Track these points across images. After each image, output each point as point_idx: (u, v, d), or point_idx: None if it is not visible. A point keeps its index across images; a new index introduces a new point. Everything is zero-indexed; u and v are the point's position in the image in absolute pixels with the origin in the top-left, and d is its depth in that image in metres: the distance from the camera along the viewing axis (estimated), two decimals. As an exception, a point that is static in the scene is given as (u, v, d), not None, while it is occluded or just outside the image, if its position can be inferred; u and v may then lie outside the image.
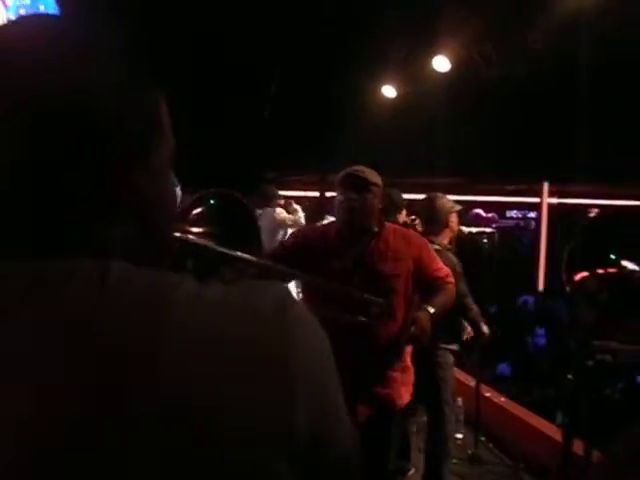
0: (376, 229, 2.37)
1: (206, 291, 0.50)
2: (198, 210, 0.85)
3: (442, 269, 2.43)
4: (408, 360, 2.42)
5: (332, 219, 5.72)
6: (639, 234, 0.94)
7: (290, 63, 8.09)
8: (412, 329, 2.17)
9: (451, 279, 2.43)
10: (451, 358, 3.26)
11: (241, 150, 9.00)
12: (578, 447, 2.64)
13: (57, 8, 5.37)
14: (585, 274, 0.94)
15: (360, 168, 2.34)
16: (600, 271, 0.93)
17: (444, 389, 3.21)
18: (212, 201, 0.86)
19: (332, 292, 2.13)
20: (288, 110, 8.56)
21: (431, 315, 2.21)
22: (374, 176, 2.34)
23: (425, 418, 3.57)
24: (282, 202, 5.83)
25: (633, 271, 0.90)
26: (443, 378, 3.21)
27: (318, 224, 4.29)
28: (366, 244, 2.35)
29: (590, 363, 1.46)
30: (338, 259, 2.29)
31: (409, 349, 2.41)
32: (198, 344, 0.47)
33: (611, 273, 0.90)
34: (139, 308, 0.47)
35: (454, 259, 3.19)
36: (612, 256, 0.88)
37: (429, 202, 3.34)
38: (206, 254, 0.78)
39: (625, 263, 0.90)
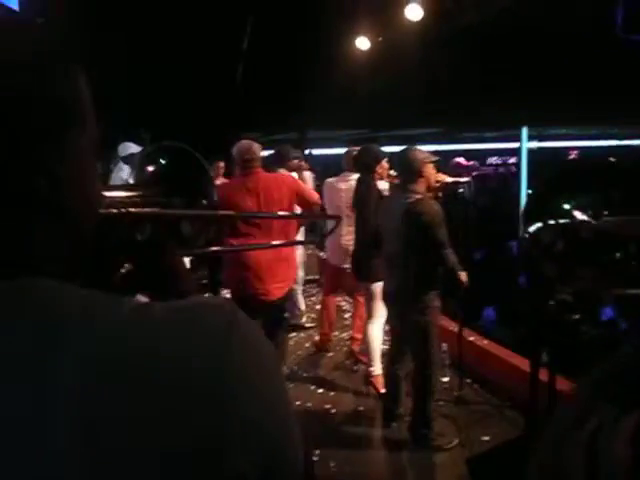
0: None
1: (151, 312, 0.49)
2: (150, 168, 0.88)
3: None
4: None
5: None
6: (591, 184, 0.96)
7: (261, 20, 7.93)
8: None
9: None
10: (438, 302, 3.38)
11: (217, 111, 8.88)
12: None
13: None
14: (539, 225, 0.95)
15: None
16: (552, 222, 0.93)
17: (430, 333, 3.34)
18: (162, 158, 0.88)
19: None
20: (262, 67, 8.43)
21: None
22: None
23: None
24: (295, 163, 5.57)
25: (583, 221, 0.90)
26: (431, 322, 3.35)
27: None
28: None
29: (551, 303, 1.54)
30: None
31: None
32: (137, 367, 0.45)
33: (563, 224, 0.91)
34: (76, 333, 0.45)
35: (436, 207, 3.27)
36: (566, 207, 0.90)
37: (403, 154, 3.47)
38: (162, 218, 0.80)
39: (576, 213, 0.90)
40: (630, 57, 7.10)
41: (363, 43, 7.27)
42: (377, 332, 4.23)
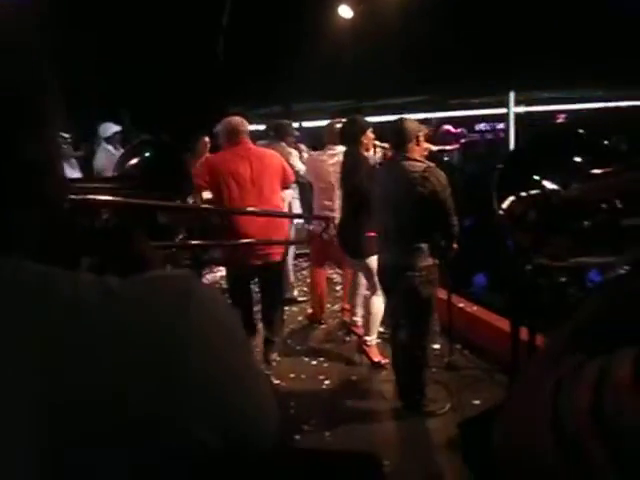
0: None
1: (109, 285, 0.49)
2: (134, 161, 0.88)
3: None
4: None
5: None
6: (561, 153, 0.96)
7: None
8: None
9: None
10: (437, 273, 3.42)
11: (199, 87, 8.76)
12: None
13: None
14: (512, 199, 0.95)
15: None
16: (523, 194, 0.94)
17: (431, 304, 3.41)
18: (145, 150, 0.89)
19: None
20: (244, 41, 8.31)
21: None
22: None
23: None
24: (294, 143, 5.48)
25: (552, 190, 0.92)
26: (432, 294, 3.41)
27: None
28: None
29: (529, 267, 1.58)
30: None
31: None
32: (101, 340, 0.46)
33: (533, 195, 0.91)
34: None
35: (444, 175, 3.30)
36: (536, 177, 0.91)
37: (397, 124, 3.43)
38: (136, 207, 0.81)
39: (545, 183, 0.91)
40: (616, 19, 7.06)
41: (346, 12, 7.18)
42: (380, 305, 4.20)
